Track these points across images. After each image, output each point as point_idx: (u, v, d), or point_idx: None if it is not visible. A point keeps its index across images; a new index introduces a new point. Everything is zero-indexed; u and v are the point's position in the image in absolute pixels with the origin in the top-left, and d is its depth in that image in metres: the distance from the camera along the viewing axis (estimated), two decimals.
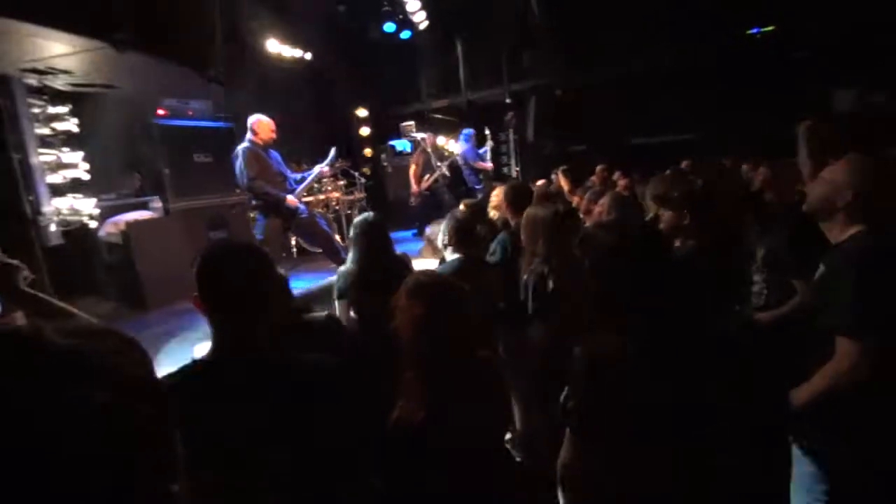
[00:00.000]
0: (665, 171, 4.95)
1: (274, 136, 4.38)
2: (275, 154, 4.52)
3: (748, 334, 2.10)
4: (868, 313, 1.25)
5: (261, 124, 4.31)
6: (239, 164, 4.19)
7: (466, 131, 7.23)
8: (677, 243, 2.10)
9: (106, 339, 0.48)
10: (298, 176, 4.85)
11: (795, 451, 1.43)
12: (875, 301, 1.25)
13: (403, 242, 6.39)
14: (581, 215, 3.92)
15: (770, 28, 7.44)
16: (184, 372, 1.06)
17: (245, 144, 4.29)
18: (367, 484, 1.21)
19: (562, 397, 1.16)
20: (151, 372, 0.49)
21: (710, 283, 1.97)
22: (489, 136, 8.16)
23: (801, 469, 1.41)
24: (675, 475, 1.11)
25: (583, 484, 1.16)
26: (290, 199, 4.31)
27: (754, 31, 7.54)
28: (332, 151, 5.37)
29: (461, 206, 3.54)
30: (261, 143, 4.30)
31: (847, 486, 1.34)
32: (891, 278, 1.27)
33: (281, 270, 1.95)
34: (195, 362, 1.08)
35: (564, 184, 4.45)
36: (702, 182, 4.14)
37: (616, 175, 4.91)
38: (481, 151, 7.36)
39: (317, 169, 5.07)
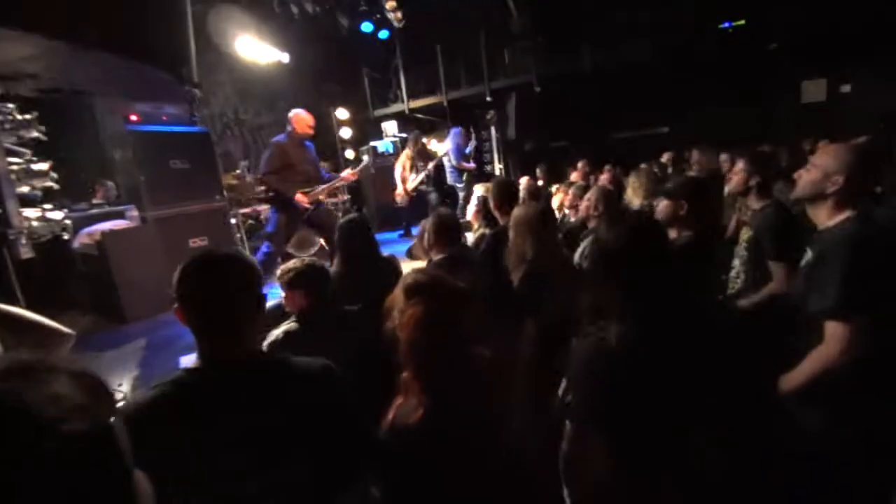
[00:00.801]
0: (644, 164, 5.04)
1: (310, 130, 4.46)
2: (310, 145, 4.59)
3: (732, 321, 2.12)
4: (857, 296, 1.28)
5: (298, 118, 4.38)
6: (265, 155, 4.33)
7: (455, 129, 7.20)
8: (672, 233, 2.11)
9: (48, 381, 0.43)
10: (326, 175, 4.88)
11: (790, 434, 1.45)
12: (863, 284, 1.28)
13: (389, 244, 6.34)
14: (566, 210, 3.95)
15: (741, 22, 7.63)
16: (169, 382, 1.02)
17: (278, 138, 4.40)
18: (365, 492, 1.19)
19: (560, 390, 1.15)
20: (99, 417, 0.45)
21: (704, 272, 1.98)
22: (473, 135, 8.16)
23: (797, 450, 1.43)
24: (676, 463, 1.11)
25: (586, 476, 1.15)
26: (299, 197, 4.34)
27: (726, 24, 7.72)
28: (365, 157, 5.41)
29: (483, 190, 3.49)
30: (297, 136, 4.39)
31: (842, 464, 1.36)
32: (879, 262, 1.29)
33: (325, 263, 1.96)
34: (182, 371, 1.04)
35: (564, 197, 4.36)
36: (697, 172, 4.20)
37: (605, 169, 4.96)
38: (467, 151, 7.33)
39: (345, 172, 5.05)
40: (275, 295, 2.07)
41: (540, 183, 5.71)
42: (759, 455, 1.46)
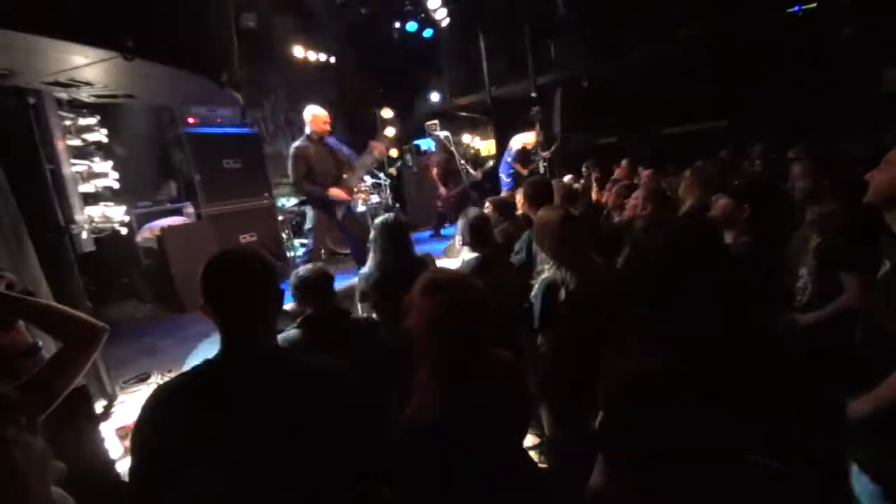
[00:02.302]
0: (698, 161, 4.71)
1: (327, 128, 4.28)
2: (331, 141, 4.41)
3: (796, 340, 1.91)
4: None
5: (313, 117, 4.24)
6: (289, 164, 4.22)
7: (529, 134, 6.92)
8: (727, 237, 1.92)
9: None
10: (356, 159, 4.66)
11: (854, 469, 1.30)
12: None
13: (424, 243, 6.37)
14: (609, 211, 3.77)
15: (812, 5, 6.96)
16: (189, 372, 1.08)
17: (297, 143, 4.24)
18: (377, 492, 1.18)
19: (596, 422, 1.05)
20: None
21: (762, 285, 1.78)
22: (540, 146, 7.78)
23: (861, 489, 1.28)
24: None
25: None
26: (333, 191, 4.23)
27: (795, 8, 7.07)
28: (408, 156, 5.24)
29: (487, 204, 3.47)
30: (315, 135, 4.23)
31: None
32: None
33: (330, 269, 1.98)
34: (204, 362, 1.08)
35: (608, 197, 4.15)
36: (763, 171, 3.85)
37: (647, 168, 4.68)
38: (535, 157, 7.01)
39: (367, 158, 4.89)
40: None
41: (582, 182, 5.49)
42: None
